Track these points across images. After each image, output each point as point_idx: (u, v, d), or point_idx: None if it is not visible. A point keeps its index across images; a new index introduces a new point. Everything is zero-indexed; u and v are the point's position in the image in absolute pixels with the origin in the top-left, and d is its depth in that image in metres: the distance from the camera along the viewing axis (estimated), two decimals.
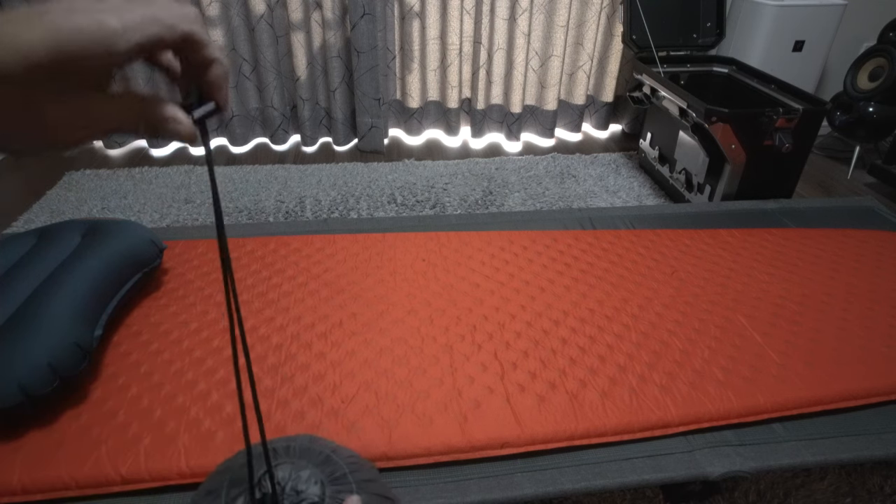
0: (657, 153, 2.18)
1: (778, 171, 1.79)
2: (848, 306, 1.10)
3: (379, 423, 0.82)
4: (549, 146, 2.61)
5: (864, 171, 2.41)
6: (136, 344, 0.96)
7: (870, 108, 2.22)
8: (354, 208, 2.00)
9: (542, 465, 0.80)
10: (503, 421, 0.83)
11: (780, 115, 1.63)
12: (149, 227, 1.26)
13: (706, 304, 1.09)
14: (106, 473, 0.75)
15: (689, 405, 0.86)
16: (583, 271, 1.18)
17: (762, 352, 0.97)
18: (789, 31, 2.24)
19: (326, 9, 2.20)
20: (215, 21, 2.19)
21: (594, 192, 2.16)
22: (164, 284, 1.10)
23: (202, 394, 0.86)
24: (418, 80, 2.48)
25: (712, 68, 2.18)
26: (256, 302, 1.06)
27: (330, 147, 2.53)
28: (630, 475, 0.79)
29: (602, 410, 0.85)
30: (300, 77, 2.31)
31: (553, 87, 2.49)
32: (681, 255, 1.24)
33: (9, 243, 1.01)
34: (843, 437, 0.86)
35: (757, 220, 1.42)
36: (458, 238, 1.27)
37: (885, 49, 2.14)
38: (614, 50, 2.47)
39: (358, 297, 1.08)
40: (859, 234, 1.35)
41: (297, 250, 1.21)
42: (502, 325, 1.02)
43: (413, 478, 0.78)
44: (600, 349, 0.97)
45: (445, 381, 0.89)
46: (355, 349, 0.95)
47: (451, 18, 2.31)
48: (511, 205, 2.06)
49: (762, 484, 1.05)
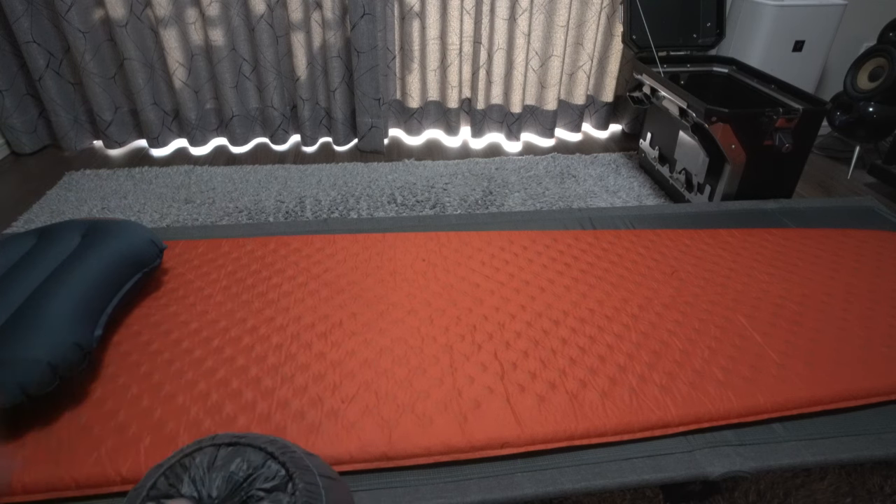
0: (657, 153, 2.18)
1: (778, 171, 1.79)
2: (848, 306, 1.10)
3: (379, 423, 0.82)
4: (549, 146, 2.61)
5: (864, 171, 2.41)
6: (136, 344, 0.96)
7: (870, 108, 2.22)
8: (354, 208, 2.00)
9: (542, 465, 0.80)
10: (503, 421, 0.83)
11: (780, 115, 1.63)
12: (149, 227, 1.27)
13: (706, 304, 1.09)
14: (106, 473, 0.75)
15: (689, 405, 0.86)
16: (583, 271, 1.18)
17: (762, 352, 0.97)
18: (789, 31, 2.24)
19: (326, 9, 2.20)
20: (215, 21, 2.19)
21: (594, 192, 2.16)
22: (164, 284, 1.10)
23: (202, 394, 0.86)
24: (418, 80, 2.48)
25: (712, 68, 2.18)
26: (256, 302, 1.06)
27: (330, 147, 2.53)
28: (630, 475, 0.79)
29: (602, 410, 0.85)
30: (300, 77, 2.31)
31: (553, 87, 2.49)
32: (681, 255, 1.24)
33: (9, 243, 1.01)
34: (843, 437, 0.86)
35: (757, 220, 1.42)
36: (458, 238, 1.27)
37: (885, 49, 2.14)
38: (614, 50, 2.46)
39: (358, 297, 1.08)
40: (859, 234, 1.35)
41: (297, 250, 1.21)
42: (502, 325, 1.02)
43: (413, 478, 0.78)
44: (600, 349, 0.97)
45: (445, 381, 0.89)
46: (355, 349, 0.95)
47: (451, 18, 2.31)
48: (511, 205, 2.06)
49: (762, 484, 1.05)
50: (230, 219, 1.93)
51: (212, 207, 2.00)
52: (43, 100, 2.28)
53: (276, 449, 0.56)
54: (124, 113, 2.40)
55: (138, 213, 1.95)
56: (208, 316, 1.02)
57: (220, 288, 1.10)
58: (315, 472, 0.56)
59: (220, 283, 1.11)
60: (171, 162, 2.34)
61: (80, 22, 2.12)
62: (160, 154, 2.43)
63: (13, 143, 2.33)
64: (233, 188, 2.12)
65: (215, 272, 1.14)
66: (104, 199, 2.03)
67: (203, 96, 2.38)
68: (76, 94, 2.34)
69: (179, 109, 2.38)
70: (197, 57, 2.28)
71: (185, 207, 1.99)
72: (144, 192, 2.08)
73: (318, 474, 0.56)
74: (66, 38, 2.14)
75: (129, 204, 2.00)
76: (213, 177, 2.20)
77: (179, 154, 2.43)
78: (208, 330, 0.99)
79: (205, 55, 2.29)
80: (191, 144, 2.44)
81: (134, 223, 1.07)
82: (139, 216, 1.93)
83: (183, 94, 2.32)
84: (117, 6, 2.12)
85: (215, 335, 0.98)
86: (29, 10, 2.10)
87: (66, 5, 2.06)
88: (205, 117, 2.43)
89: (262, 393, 0.86)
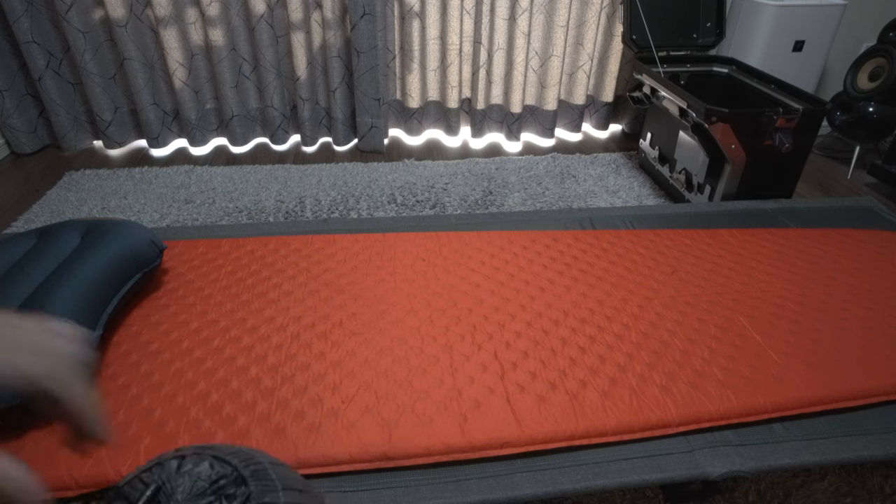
0: (657, 153, 2.18)
1: (778, 171, 1.79)
2: (848, 306, 1.10)
3: (379, 423, 0.82)
4: (549, 146, 2.61)
5: (864, 171, 2.41)
6: (136, 344, 0.96)
7: (870, 108, 2.22)
8: (354, 208, 2.00)
9: (542, 465, 0.80)
10: (503, 421, 0.83)
11: (780, 115, 1.63)
12: (149, 227, 1.27)
13: (706, 304, 1.09)
14: (106, 473, 0.75)
15: (689, 405, 0.86)
16: (583, 271, 1.18)
17: (762, 352, 0.97)
18: (789, 31, 2.24)
19: (326, 9, 2.20)
20: (215, 21, 2.19)
21: (594, 192, 2.16)
22: (164, 284, 1.10)
23: (202, 394, 0.86)
24: (418, 80, 2.48)
25: (712, 68, 2.18)
26: (256, 302, 1.06)
27: (330, 147, 2.53)
28: (630, 475, 0.79)
29: (602, 410, 0.85)
30: (300, 77, 2.31)
31: (553, 87, 2.49)
32: (681, 255, 1.24)
33: (9, 243, 1.01)
34: (843, 437, 0.86)
35: (757, 220, 1.42)
36: (458, 238, 1.27)
37: (885, 49, 2.14)
38: (614, 50, 2.47)
39: (358, 297, 1.08)
40: (859, 234, 1.35)
41: (297, 250, 1.21)
42: (502, 325, 1.02)
43: (413, 478, 0.78)
44: (600, 349, 0.97)
45: (445, 381, 0.89)
46: (355, 349, 0.95)
47: (451, 18, 2.31)
48: (511, 205, 2.06)
49: (762, 484, 1.05)
50: (230, 219, 1.93)
51: (212, 207, 2.00)
52: (43, 100, 2.28)
53: (240, 461, 0.55)
54: (124, 113, 2.40)
55: (138, 213, 1.95)
56: (208, 316, 1.02)
57: (220, 288, 1.10)
58: (279, 485, 0.55)
59: (220, 283, 1.11)
60: (171, 162, 2.35)
61: (80, 22, 2.12)
62: (160, 154, 2.43)
63: (13, 143, 2.33)
64: (233, 188, 2.13)
65: (215, 272, 1.14)
66: (104, 199, 2.03)
67: (203, 96, 2.38)
68: (76, 94, 2.34)
69: (179, 109, 2.38)
70: (197, 57, 2.28)
71: (185, 207, 1.99)
72: (144, 192, 2.08)
73: (280, 488, 0.55)
74: (66, 38, 2.14)
75: (129, 204, 2.00)
76: (213, 177, 2.20)
77: (179, 154, 2.43)
78: (208, 330, 0.99)
79: (205, 55, 2.29)
80: (191, 144, 2.44)
81: (134, 223, 1.07)
82: (139, 216, 1.93)
83: (183, 94, 2.32)
84: (117, 6, 2.12)
85: (215, 335, 0.98)
86: (29, 10, 2.10)
87: (66, 5, 2.06)
88: (205, 117, 2.43)
89: (262, 393, 0.86)
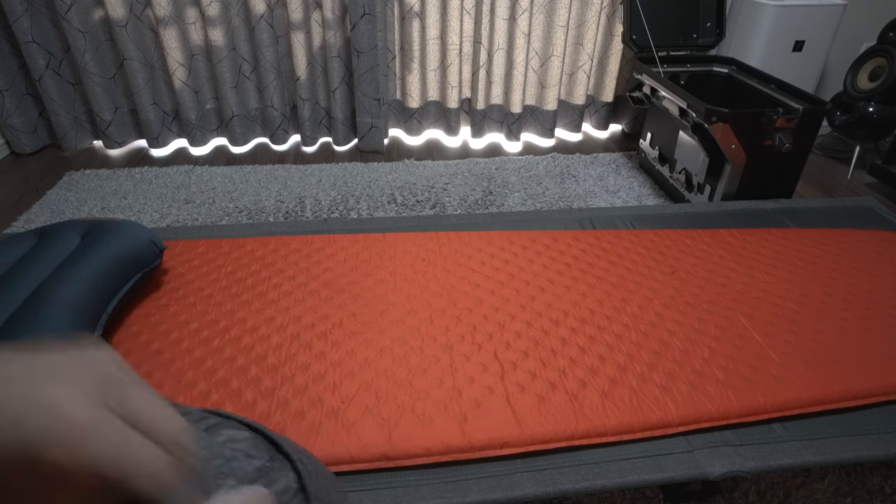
0: (657, 153, 2.18)
1: (778, 171, 1.79)
2: (848, 306, 1.10)
3: (379, 423, 0.82)
4: (549, 146, 2.61)
5: (864, 171, 2.41)
6: (136, 344, 0.96)
7: (870, 108, 2.22)
8: (354, 208, 2.00)
9: (542, 465, 0.80)
10: (503, 421, 0.83)
11: (780, 115, 1.63)
12: (149, 227, 1.26)
13: (706, 304, 1.09)
14: None
15: (689, 405, 0.86)
16: (583, 271, 1.18)
17: (762, 352, 0.97)
18: (789, 31, 2.24)
19: (326, 9, 2.20)
20: (215, 21, 2.19)
21: (594, 192, 2.16)
22: (164, 284, 1.10)
23: (202, 394, 0.86)
24: (418, 80, 2.48)
25: (712, 68, 2.18)
26: (256, 302, 1.06)
27: (330, 147, 2.53)
28: (630, 475, 0.79)
29: (602, 410, 0.85)
30: (300, 77, 2.31)
31: (553, 87, 2.49)
32: (681, 255, 1.24)
33: (9, 243, 1.01)
34: (843, 437, 0.86)
35: (757, 220, 1.42)
36: (458, 238, 1.27)
37: (885, 49, 2.14)
38: (614, 50, 2.47)
39: (358, 297, 1.08)
40: (859, 234, 1.35)
41: (297, 250, 1.21)
42: (502, 325, 1.02)
43: (413, 478, 0.78)
44: (600, 349, 0.97)
45: (445, 381, 0.89)
46: (355, 349, 0.95)
47: (451, 18, 2.31)
48: (511, 205, 2.06)
49: (762, 484, 1.05)
50: (230, 219, 1.93)
51: (212, 207, 2.00)
52: (43, 100, 2.28)
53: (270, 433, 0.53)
54: (124, 113, 2.40)
55: (138, 213, 1.95)
56: (208, 316, 1.02)
57: (220, 288, 1.10)
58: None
59: (220, 283, 1.11)
60: (171, 162, 2.34)
61: (80, 22, 2.12)
62: (160, 154, 2.43)
63: (13, 143, 2.33)
64: (233, 188, 2.13)
65: (215, 272, 1.14)
66: (104, 199, 2.03)
67: (203, 96, 2.38)
68: (76, 94, 2.34)
69: (179, 109, 2.38)
70: (197, 57, 2.28)
71: (185, 207, 1.99)
72: (144, 192, 2.08)
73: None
74: (66, 38, 2.14)
75: (129, 204, 2.00)
76: (213, 177, 2.20)
77: (179, 154, 2.43)
78: (208, 330, 0.99)
79: (205, 55, 2.29)
80: (191, 144, 2.44)
81: (134, 223, 1.07)
82: (139, 216, 1.93)
83: (183, 94, 2.32)
84: (117, 6, 2.12)
85: (215, 335, 0.98)
86: (29, 10, 2.10)
87: (66, 5, 2.06)
88: (205, 117, 2.43)
89: (262, 393, 0.86)
